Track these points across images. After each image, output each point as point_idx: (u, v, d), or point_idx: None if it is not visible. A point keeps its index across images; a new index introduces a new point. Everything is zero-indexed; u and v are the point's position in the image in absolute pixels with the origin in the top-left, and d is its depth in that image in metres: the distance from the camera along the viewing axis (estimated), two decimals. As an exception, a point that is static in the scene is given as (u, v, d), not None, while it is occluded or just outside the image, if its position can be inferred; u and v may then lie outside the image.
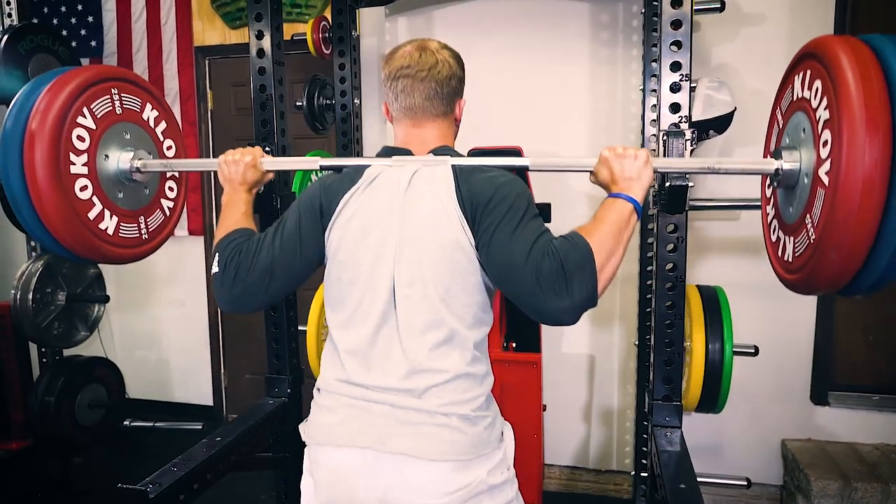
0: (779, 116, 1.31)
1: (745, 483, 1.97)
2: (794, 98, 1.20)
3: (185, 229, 3.53)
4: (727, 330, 2.04)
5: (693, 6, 2.20)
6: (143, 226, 1.67)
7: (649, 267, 2.33)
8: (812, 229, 1.08)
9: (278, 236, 1.23)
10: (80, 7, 3.63)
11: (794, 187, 1.17)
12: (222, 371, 3.76)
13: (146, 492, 1.42)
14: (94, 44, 3.63)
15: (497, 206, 1.12)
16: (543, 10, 2.70)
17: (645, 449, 2.23)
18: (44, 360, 3.11)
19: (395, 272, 1.15)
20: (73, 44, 3.62)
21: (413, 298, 1.15)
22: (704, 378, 2.06)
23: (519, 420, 2.43)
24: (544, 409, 2.67)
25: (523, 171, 1.31)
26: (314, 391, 1.26)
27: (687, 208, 1.69)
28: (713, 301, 2.11)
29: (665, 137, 1.65)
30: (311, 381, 1.54)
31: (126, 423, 3.42)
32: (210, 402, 3.78)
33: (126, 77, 1.61)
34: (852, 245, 0.98)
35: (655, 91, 2.25)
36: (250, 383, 3.70)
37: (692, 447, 2.80)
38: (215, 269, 1.22)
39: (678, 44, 1.64)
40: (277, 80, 1.95)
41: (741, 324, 2.56)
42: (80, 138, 1.44)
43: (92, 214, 1.49)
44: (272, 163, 1.43)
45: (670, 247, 1.71)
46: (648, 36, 2.34)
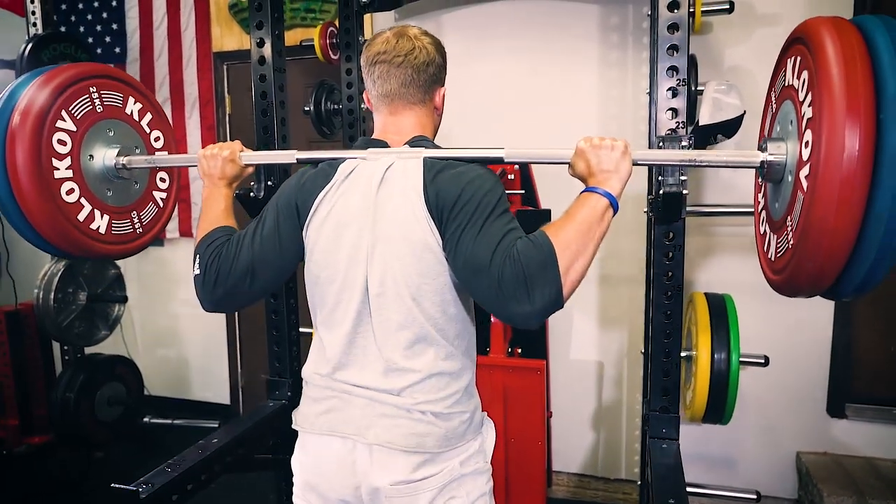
0: (773, 100, 1.25)
1: (755, 496, 1.92)
2: (786, 84, 1.14)
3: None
4: (734, 339, 1.99)
5: (690, 9, 2.16)
6: (136, 220, 1.70)
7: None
8: (791, 233, 1.04)
9: (258, 236, 1.23)
10: (104, 15, 3.73)
11: (780, 182, 1.12)
12: (239, 371, 3.82)
13: (138, 492, 1.46)
14: (118, 50, 3.73)
15: (464, 206, 1.09)
16: (552, 12, 2.67)
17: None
18: (66, 358, 3.20)
19: (367, 272, 1.15)
20: (98, 50, 3.73)
21: (385, 298, 1.15)
22: (710, 388, 2.01)
23: (523, 426, 2.44)
24: (550, 416, 2.65)
25: (498, 162, 1.27)
26: (303, 382, 1.29)
27: (684, 216, 1.66)
28: (720, 309, 2.06)
29: (661, 144, 1.62)
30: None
31: (146, 419, 3.51)
32: (227, 401, 3.84)
33: (103, 73, 1.61)
34: (827, 256, 0.94)
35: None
36: (266, 383, 3.74)
37: (704, 458, 2.77)
38: (196, 271, 1.23)
39: (675, 48, 1.61)
40: (278, 86, 1.97)
41: (755, 331, 2.51)
42: (62, 142, 1.46)
43: (81, 216, 1.52)
44: (250, 157, 1.42)
45: (667, 255, 1.68)
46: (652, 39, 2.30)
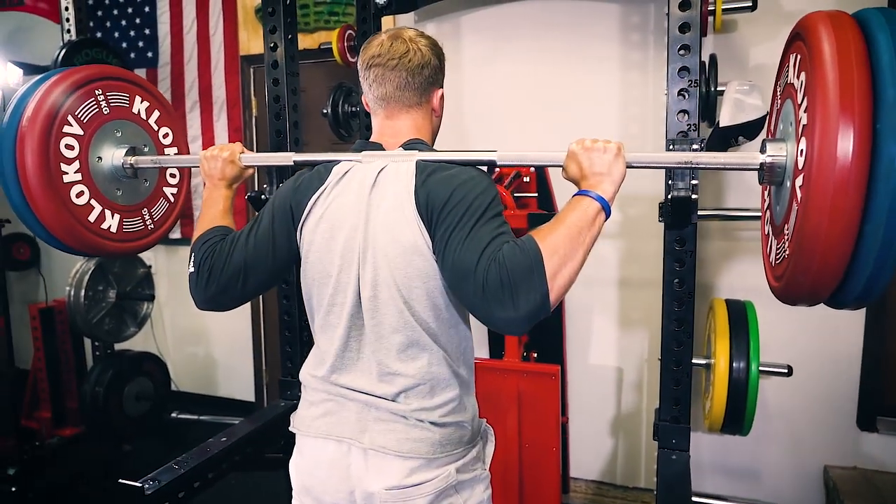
0: (777, 96, 1.20)
1: (775, 510, 1.85)
2: (788, 82, 1.10)
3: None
4: (754, 347, 1.93)
5: (710, 7, 2.10)
6: (147, 217, 1.74)
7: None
8: (788, 241, 1.00)
9: (252, 237, 1.24)
10: (137, 21, 3.83)
11: (781, 185, 1.07)
12: (263, 369, 3.88)
13: (143, 488, 1.49)
14: (150, 55, 3.83)
15: (453, 209, 1.07)
16: (572, 12, 2.63)
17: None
18: (96, 354, 3.31)
19: (360, 275, 1.15)
20: (132, 55, 3.84)
21: (378, 301, 1.14)
22: (728, 397, 1.96)
23: (537, 433, 2.41)
24: (566, 422, 2.61)
25: (490, 165, 1.25)
26: (301, 385, 1.29)
27: (695, 221, 1.61)
28: (740, 316, 2.00)
29: (672, 146, 1.58)
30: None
31: (173, 415, 3.59)
32: (252, 399, 3.91)
33: (108, 75, 1.64)
34: (821, 269, 0.90)
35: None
36: (278, 383, 3.79)
37: (726, 468, 2.69)
38: (190, 269, 1.25)
39: (686, 48, 1.57)
40: (291, 90, 1.99)
41: (780, 339, 2.43)
42: (69, 147, 1.51)
43: (92, 217, 1.57)
44: (250, 158, 1.44)
45: (679, 262, 1.63)
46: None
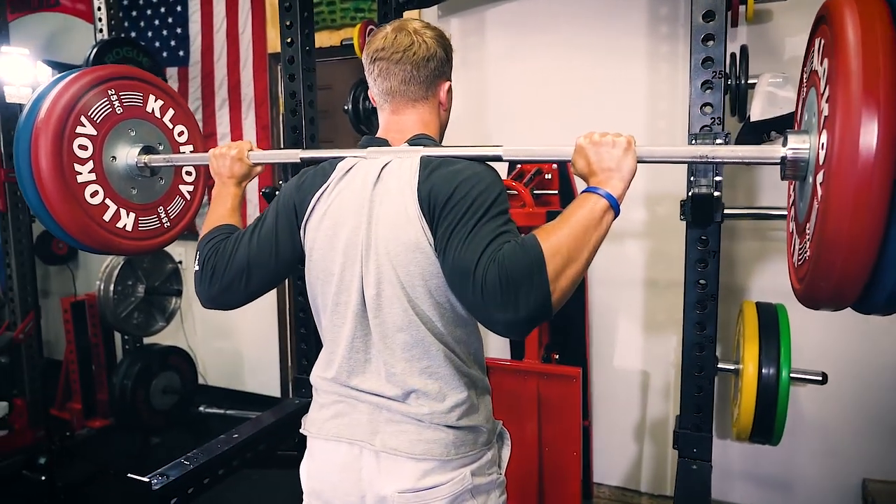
0: (803, 84, 1.13)
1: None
2: (812, 69, 1.03)
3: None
4: (784, 352, 1.84)
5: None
6: (163, 215, 1.74)
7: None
8: (809, 242, 0.93)
9: (255, 235, 1.22)
10: (170, 20, 3.90)
11: (804, 181, 1.00)
12: (289, 365, 3.91)
13: (150, 483, 1.49)
14: (182, 53, 3.89)
15: (455, 206, 1.03)
16: (598, 5, 2.55)
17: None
18: (126, 347, 3.37)
19: (363, 272, 1.12)
20: (165, 54, 3.90)
21: (381, 300, 1.11)
22: (756, 405, 1.87)
23: (557, 436, 2.35)
24: (588, 426, 2.54)
25: (496, 160, 1.20)
26: (312, 388, 1.27)
27: (719, 220, 1.53)
28: (771, 320, 1.91)
29: (694, 141, 1.51)
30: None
31: (201, 408, 3.64)
32: (277, 394, 3.94)
33: (120, 74, 1.65)
34: (842, 274, 0.83)
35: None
36: (293, 381, 3.81)
37: (757, 478, 2.58)
38: (195, 267, 1.24)
39: (710, 37, 1.49)
40: (307, 86, 1.98)
41: (816, 345, 2.31)
42: (83, 147, 1.52)
43: (107, 216, 1.57)
44: (258, 156, 1.43)
45: (700, 262, 1.56)
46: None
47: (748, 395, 1.86)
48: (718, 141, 1.48)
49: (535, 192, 2.20)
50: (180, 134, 1.81)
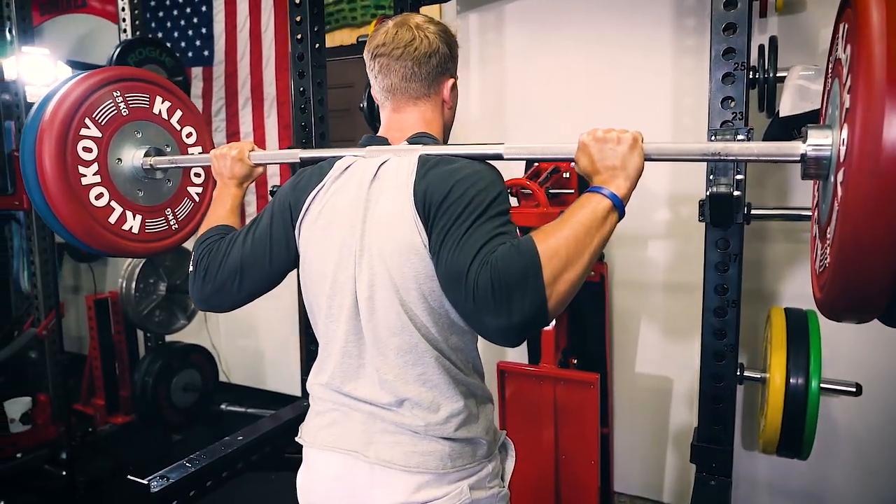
0: (828, 75, 1.04)
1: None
2: (836, 57, 0.94)
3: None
4: (814, 361, 1.74)
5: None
6: (171, 217, 1.72)
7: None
8: (829, 248, 0.84)
9: (250, 236, 1.20)
10: (195, 20, 3.93)
11: (826, 179, 0.92)
12: (310, 365, 3.90)
13: (149, 486, 1.47)
14: (206, 53, 3.92)
15: (451, 205, 0.98)
16: (621, -3, 2.47)
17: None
18: (148, 345, 3.41)
19: (356, 274, 1.07)
20: (190, 54, 3.93)
21: (374, 302, 1.06)
22: (784, 417, 1.78)
23: (575, 444, 2.27)
24: (607, 433, 2.46)
25: (497, 159, 1.14)
26: (309, 395, 1.23)
27: (741, 221, 1.45)
28: (800, 327, 1.81)
29: (714, 138, 1.42)
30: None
31: (222, 406, 3.66)
32: (298, 393, 3.93)
33: (126, 76, 1.64)
34: (863, 285, 0.75)
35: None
36: (301, 384, 3.79)
37: (787, 492, 2.46)
38: (190, 267, 1.22)
39: (732, 27, 1.40)
40: (317, 83, 1.95)
41: (850, 355, 2.19)
42: (87, 149, 1.51)
43: (112, 218, 1.56)
44: (259, 156, 1.41)
45: (720, 266, 1.47)
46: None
47: (775, 406, 1.77)
48: (740, 137, 1.39)
49: (552, 190, 2.12)
50: (188, 135, 1.79)
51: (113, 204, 1.58)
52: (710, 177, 1.40)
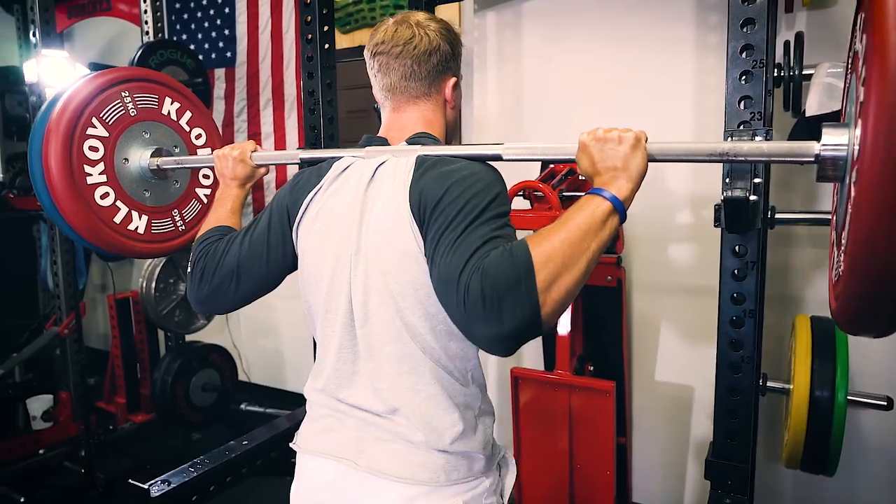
0: (848, 71, 0.98)
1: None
2: (854, 51, 0.88)
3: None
4: (841, 373, 1.67)
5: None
6: (178, 218, 1.72)
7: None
8: (843, 255, 0.78)
9: (248, 237, 1.19)
10: (218, 22, 3.96)
11: (843, 181, 0.86)
12: (328, 365, 3.90)
13: (148, 491, 1.47)
14: (229, 55, 3.94)
15: (446, 208, 0.95)
16: (642, -7, 2.39)
17: None
18: (169, 344, 3.44)
19: (351, 278, 1.05)
20: (213, 55, 3.96)
21: (369, 308, 1.04)
22: (808, 431, 1.70)
23: (590, 453, 2.21)
24: (624, 443, 2.39)
25: (496, 159, 1.10)
26: (306, 400, 1.22)
27: (759, 226, 1.37)
28: (826, 336, 1.74)
29: (731, 139, 1.35)
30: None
31: (242, 406, 3.69)
32: (317, 394, 3.94)
33: (135, 77, 1.63)
34: (876, 298, 0.69)
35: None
36: None
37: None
38: (188, 268, 1.21)
39: (750, 22, 1.33)
40: (326, 84, 1.92)
41: (881, 366, 2.08)
42: (93, 149, 1.50)
43: (118, 218, 1.56)
44: (261, 157, 1.40)
45: (737, 273, 1.40)
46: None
47: (798, 419, 1.70)
48: (758, 138, 1.32)
49: (566, 193, 2.06)
50: (198, 137, 1.79)
51: (119, 204, 1.58)
52: (727, 179, 1.33)
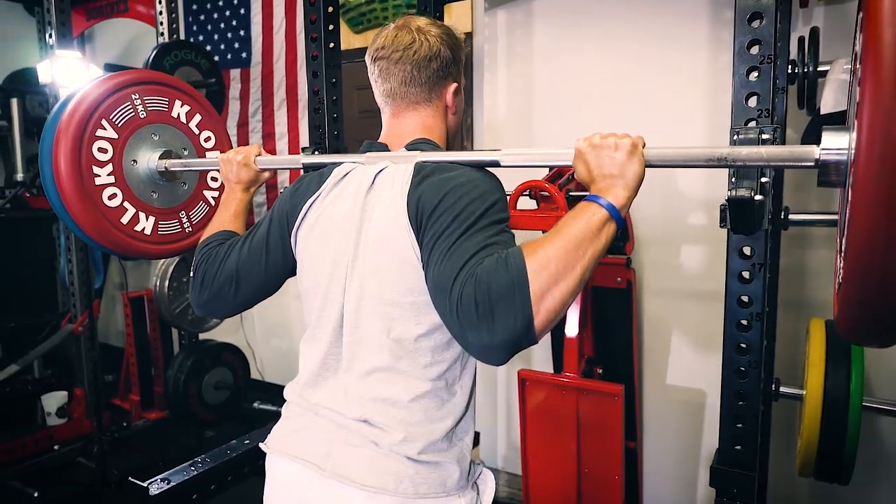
0: (852, 73, 0.95)
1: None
2: (855, 53, 0.86)
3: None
4: (856, 378, 1.63)
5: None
6: (185, 220, 1.73)
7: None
8: (842, 262, 0.75)
9: (247, 242, 1.20)
10: (234, 22, 3.99)
11: (845, 185, 0.83)
12: (340, 365, 3.90)
13: (147, 489, 1.47)
14: (244, 55, 3.97)
15: (442, 214, 0.94)
16: (655, -10, 2.35)
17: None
18: (182, 342, 3.47)
19: (346, 284, 1.05)
20: (229, 56, 4.00)
21: (360, 316, 1.03)
22: (821, 438, 1.66)
23: (598, 458, 2.17)
24: (633, 447, 2.34)
25: (494, 165, 1.09)
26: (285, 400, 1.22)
27: (770, 227, 1.33)
28: (842, 340, 1.69)
29: (736, 137, 1.31)
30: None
31: (255, 404, 3.70)
32: (329, 394, 3.94)
33: (146, 80, 1.65)
34: (873, 307, 0.66)
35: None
36: None
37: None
38: (191, 272, 1.23)
39: (758, 16, 1.29)
40: (330, 82, 1.91)
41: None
42: (102, 150, 1.52)
43: (125, 219, 1.58)
44: (265, 161, 1.41)
45: (743, 275, 1.36)
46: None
47: (811, 425, 1.66)
48: (765, 136, 1.27)
49: (574, 193, 2.03)
50: (207, 139, 1.80)
51: (126, 205, 1.59)
52: (733, 179, 1.29)
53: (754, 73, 1.30)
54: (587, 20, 2.50)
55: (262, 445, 1.17)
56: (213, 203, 1.82)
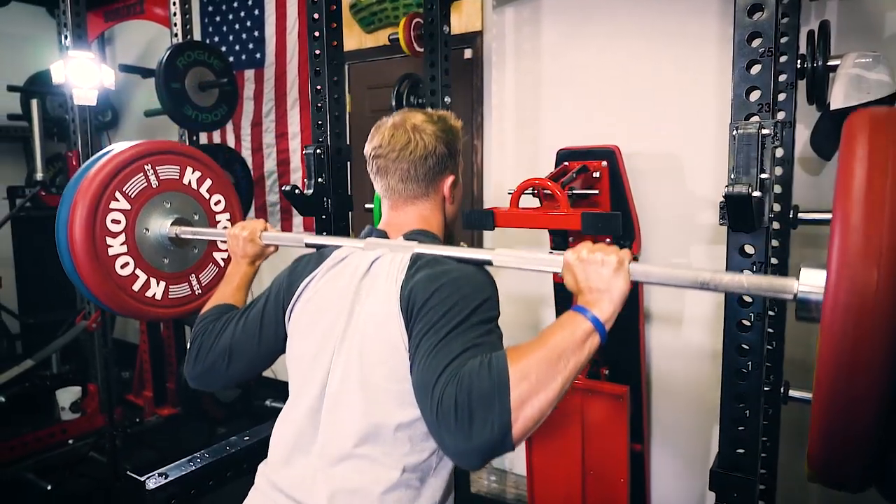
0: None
1: None
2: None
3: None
4: None
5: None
6: (195, 283, 1.77)
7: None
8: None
9: (244, 318, 1.22)
10: (248, 23, 4.02)
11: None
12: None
13: (144, 483, 1.48)
14: (258, 56, 4.00)
15: (431, 310, 0.96)
16: (663, -15, 2.31)
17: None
18: (195, 340, 3.50)
19: (331, 364, 1.06)
20: (243, 57, 4.04)
21: (340, 398, 1.04)
22: (829, 443, 1.60)
23: (603, 460, 2.14)
24: (640, 450, 2.31)
25: (486, 264, 1.12)
26: None
27: (766, 224, 1.30)
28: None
29: (735, 132, 1.28)
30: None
31: (266, 402, 3.73)
32: (340, 393, 3.96)
33: (158, 150, 1.68)
34: (839, 452, 0.78)
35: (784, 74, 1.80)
36: None
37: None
38: (189, 344, 1.26)
39: (758, 8, 1.25)
40: (333, 81, 1.91)
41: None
42: (116, 221, 1.56)
43: (136, 286, 1.61)
44: (270, 237, 1.44)
45: (745, 272, 1.32)
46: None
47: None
48: (765, 132, 1.24)
49: (578, 191, 2.01)
50: (217, 203, 1.83)
51: (137, 272, 1.63)
52: (731, 175, 1.26)
53: (755, 67, 1.26)
54: (595, 17, 2.47)
55: None
56: (221, 265, 1.84)
